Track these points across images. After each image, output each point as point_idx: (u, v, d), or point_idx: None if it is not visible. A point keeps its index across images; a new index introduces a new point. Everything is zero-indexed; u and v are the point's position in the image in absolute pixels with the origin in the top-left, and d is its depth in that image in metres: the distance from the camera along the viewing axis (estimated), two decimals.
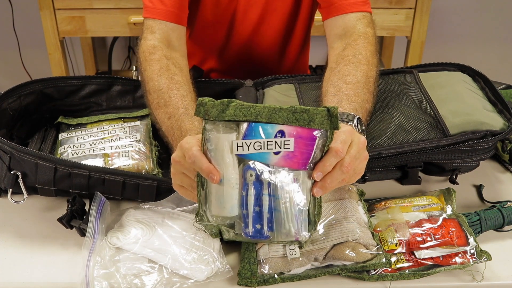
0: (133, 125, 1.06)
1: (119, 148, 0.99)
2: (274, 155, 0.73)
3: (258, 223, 0.75)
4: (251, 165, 0.73)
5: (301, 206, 0.74)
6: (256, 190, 0.74)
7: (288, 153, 0.73)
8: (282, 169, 0.73)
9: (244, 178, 0.73)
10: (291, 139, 0.72)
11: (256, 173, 0.73)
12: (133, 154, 0.98)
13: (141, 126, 1.06)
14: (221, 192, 0.73)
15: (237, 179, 0.73)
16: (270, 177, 0.73)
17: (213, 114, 0.71)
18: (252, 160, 0.73)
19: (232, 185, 0.73)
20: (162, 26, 1.07)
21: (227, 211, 0.74)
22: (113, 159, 0.97)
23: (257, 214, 0.74)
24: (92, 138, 1.02)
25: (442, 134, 0.97)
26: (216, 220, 0.76)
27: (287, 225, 0.74)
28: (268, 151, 0.72)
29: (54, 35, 2.04)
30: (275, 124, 0.72)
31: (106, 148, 0.99)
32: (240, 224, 0.75)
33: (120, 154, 0.98)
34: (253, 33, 1.26)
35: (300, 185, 0.74)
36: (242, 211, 0.75)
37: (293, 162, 0.73)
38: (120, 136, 1.02)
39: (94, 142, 1.01)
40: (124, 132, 1.04)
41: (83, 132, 1.05)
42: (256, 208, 0.74)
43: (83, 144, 1.01)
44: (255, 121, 0.72)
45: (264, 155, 0.73)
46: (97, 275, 0.78)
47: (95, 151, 0.98)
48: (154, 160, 1.00)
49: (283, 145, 0.72)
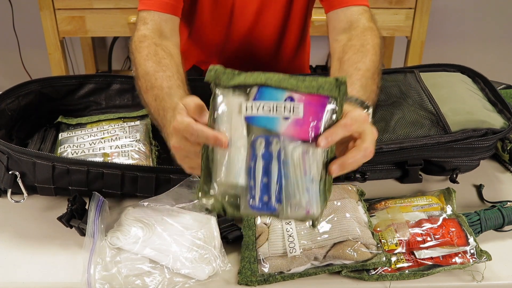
0: (132, 125, 1.06)
1: (118, 147, 0.99)
2: (284, 121, 0.71)
3: (265, 194, 0.72)
4: (260, 133, 0.72)
5: (313, 176, 0.72)
6: (265, 160, 0.72)
7: (298, 119, 0.71)
8: (293, 139, 0.72)
9: (253, 148, 0.72)
10: (301, 104, 0.71)
11: (266, 141, 0.71)
12: (132, 153, 0.98)
13: (140, 126, 1.06)
14: (228, 156, 0.71)
15: (245, 144, 0.71)
16: (280, 146, 0.71)
17: (223, 79, 0.72)
18: (261, 128, 0.72)
19: (239, 149, 0.71)
20: (155, 17, 1.06)
21: (233, 176, 0.71)
22: (113, 158, 0.97)
23: (264, 185, 0.72)
24: (91, 138, 1.02)
25: (443, 131, 0.98)
26: (222, 191, 0.72)
27: (297, 196, 0.71)
28: (277, 115, 0.71)
29: (54, 35, 2.04)
30: (285, 90, 0.72)
31: (105, 147, 0.99)
32: (246, 197, 0.72)
33: (120, 154, 0.98)
34: (251, 29, 1.26)
35: (311, 156, 0.72)
36: (249, 182, 0.72)
37: (303, 130, 0.72)
38: (119, 136, 1.02)
39: (94, 142, 1.01)
40: (123, 132, 1.04)
41: (82, 132, 1.05)
42: (264, 179, 0.72)
43: (83, 144, 1.01)
44: (264, 85, 0.72)
45: (273, 120, 0.71)
46: (99, 278, 0.78)
47: (94, 151, 0.98)
48: (154, 160, 1.00)
49: (292, 110, 0.71)
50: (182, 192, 0.89)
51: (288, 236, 0.81)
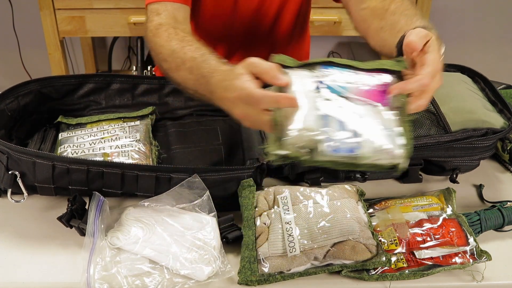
0: (132, 124, 1.06)
1: (118, 147, 0.99)
2: (351, 88, 0.75)
3: (342, 135, 0.71)
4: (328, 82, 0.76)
5: (391, 117, 0.74)
6: (337, 105, 0.74)
7: (363, 89, 0.75)
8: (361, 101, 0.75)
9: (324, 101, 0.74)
10: (366, 75, 0.77)
11: (335, 87, 0.75)
12: (132, 154, 0.98)
13: (140, 126, 1.06)
14: (301, 108, 0.72)
15: (315, 98, 0.74)
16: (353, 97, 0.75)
17: (288, 62, 0.78)
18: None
19: (312, 99, 0.73)
20: (167, 7, 1.06)
21: (309, 122, 0.71)
22: (113, 158, 0.97)
23: (340, 126, 0.71)
24: (92, 137, 1.02)
25: (443, 130, 0.98)
26: (297, 139, 0.71)
27: (374, 139, 0.71)
28: (344, 84, 0.76)
29: (54, 35, 2.04)
30: (347, 68, 0.77)
31: (106, 147, 0.99)
32: (322, 142, 0.71)
33: (120, 154, 0.98)
34: (253, 17, 1.27)
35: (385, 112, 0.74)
36: (324, 126, 0.71)
37: (370, 94, 0.75)
38: (120, 136, 1.02)
39: (94, 141, 1.01)
40: (123, 131, 1.04)
41: (82, 132, 1.04)
42: (339, 123, 0.72)
43: (83, 144, 1.01)
44: (329, 63, 0.77)
45: (341, 87, 0.75)
46: (98, 278, 0.78)
47: (94, 151, 0.98)
48: (154, 160, 1.00)
49: (357, 79, 0.76)
50: (183, 192, 0.89)
51: (288, 236, 0.81)
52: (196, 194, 0.88)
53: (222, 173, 0.90)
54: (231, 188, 0.91)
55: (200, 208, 0.88)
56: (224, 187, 0.91)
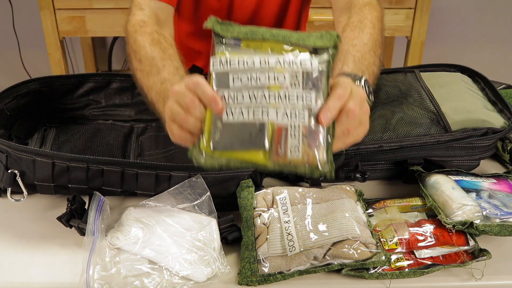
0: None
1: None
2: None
3: None
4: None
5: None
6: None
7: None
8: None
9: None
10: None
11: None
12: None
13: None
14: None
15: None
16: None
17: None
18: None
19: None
20: (151, 4, 1.06)
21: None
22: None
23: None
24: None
25: (444, 130, 0.98)
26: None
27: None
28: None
29: (54, 35, 2.04)
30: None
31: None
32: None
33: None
34: (251, 19, 1.27)
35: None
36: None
37: None
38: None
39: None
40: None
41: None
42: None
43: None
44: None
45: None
46: (98, 278, 0.78)
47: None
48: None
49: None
50: (184, 191, 0.89)
51: (287, 235, 0.81)
52: (197, 195, 0.88)
53: (222, 172, 0.90)
54: (231, 188, 0.91)
55: (201, 209, 0.88)
56: (224, 186, 0.91)
